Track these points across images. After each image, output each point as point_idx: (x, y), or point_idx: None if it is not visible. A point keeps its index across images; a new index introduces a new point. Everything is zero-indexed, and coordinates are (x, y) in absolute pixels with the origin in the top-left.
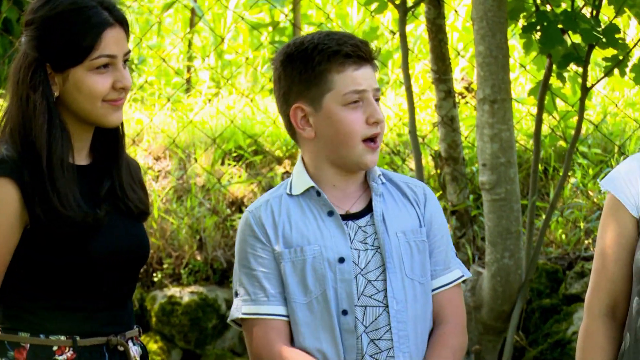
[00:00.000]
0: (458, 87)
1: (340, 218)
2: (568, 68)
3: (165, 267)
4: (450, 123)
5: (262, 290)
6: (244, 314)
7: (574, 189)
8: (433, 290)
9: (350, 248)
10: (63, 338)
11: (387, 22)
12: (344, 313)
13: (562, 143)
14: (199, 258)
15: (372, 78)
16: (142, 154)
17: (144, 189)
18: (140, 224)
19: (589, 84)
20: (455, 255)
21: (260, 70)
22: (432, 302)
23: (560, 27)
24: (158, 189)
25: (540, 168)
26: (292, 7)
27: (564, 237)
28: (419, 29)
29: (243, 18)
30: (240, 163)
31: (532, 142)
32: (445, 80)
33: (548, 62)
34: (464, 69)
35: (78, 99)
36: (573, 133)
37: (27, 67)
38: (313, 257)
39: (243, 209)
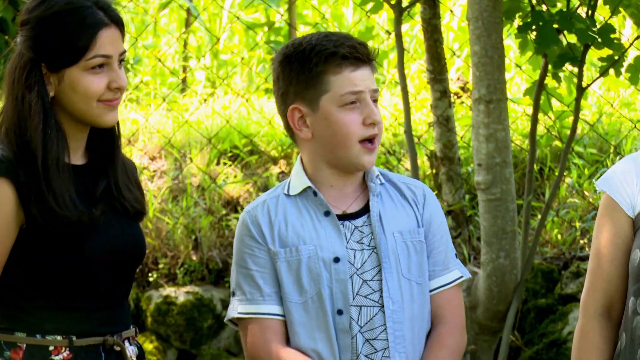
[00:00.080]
0: (454, 87)
1: (337, 218)
2: (563, 68)
3: (161, 267)
4: (446, 123)
5: (258, 290)
6: (240, 314)
7: (570, 189)
8: (432, 291)
9: (346, 248)
10: (59, 338)
11: (382, 22)
12: (339, 313)
13: (557, 143)
14: (195, 258)
15: (369, 79)
16: (137, 154)
17: (140, 189)
18: (136, 224)
19: (585, 84)
20: (455, 256)
21: (256, 70)
22: (430, 302)
23: (556, 27)
24: (153, 189)
25: (536, 168)
26: (287, 7)
27: (560, 237)
28: (415, 29)
29: (239, 18)
30: (236, 163)
31: (527, 142)
32: (441, 80)
33: (543, 62)
34: (460, 69)
35: (73, 99)
36: (569, 133)
37: (22, 67)
38: (308, 256)
39: (238, 209)
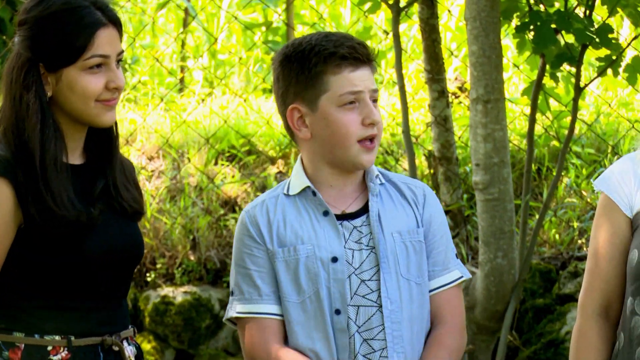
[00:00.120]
0: (451, 87)
1: (335, 218)
2: (561, 68)
3: (159, 267)
4: (444, 123)
5: (255, 290)
6: (238, 313)
7: (568, 189)
8: (431, 291)
9: (344, 248)
10: (58, 338)
11: (380, 22)
12: (337, 312)
13: (555, 143)
14: (193, 258)
15: (369, 79)
16: (135, 154)
17: (138, 189)
18: (135, 224)
19: (582, 84)
20: (456, 256)
21: (254, 70)
22: (430, 302)
23: (554, 27)
24: (151, 189)
25: (534, 168)
26: (285, 7)
27: (558, 237)
28: (413, 29)
29: (236, 18)
30: (234, 163)
31: (525, 142)
32: (439, 80)
33: (541, 62)
34: (457, 69)
35: (71, 99)
36: (566, 133)
37: (20, 67)
38: (306, 256)
39: (236, 209)
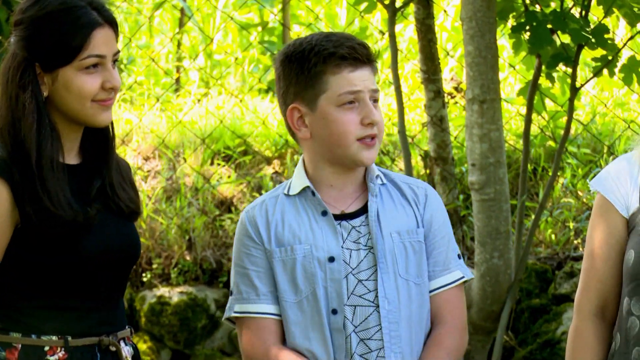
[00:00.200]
0: (447, 87)
1: (333, 218)
2: (557, 68)
3: (155, 267)
4: (440, 123)
5: (253, 289)
6: (236, 313)
7: (564, 189)
8: (432, 291)
9: (342, 247)
10: (55, 338)
11: (376, 22)
12: (334, 312)
13: (551, 143)
14: (188, 258)
15: (369, 79)
16: (131, 154)
17: (135, 189)
18: (131, 224)
19: (578, 84)
20: (458, 257)
21: (249, 71)
22: (430, 303)
23: (550, 27)
24: (147, 189)
25: (530, 168)
26: (281, 7)
27: (554, 237)
28: (408, 29)
29: (232, 18)
30: (230, 163)
31: (521, 142)
32: (435, 80)
33: (537, 62)
34: (453, 69)
35: (67, 99)
36: (562, 133)
37: (16, 67)
38: (303, 256)
39: (232, 209)
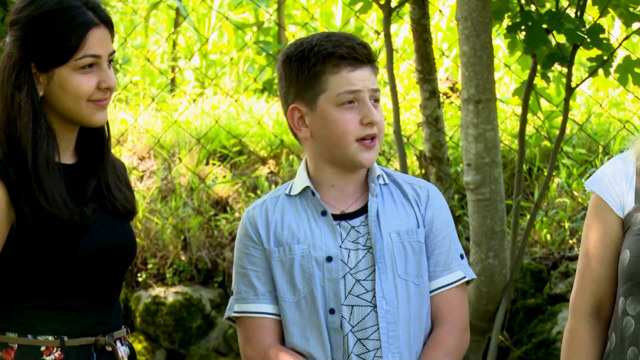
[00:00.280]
0: (442, 87)
1: (332, 218)
2: (552, 68)
3: (150, 267)
4: (435, 123)
5: (252, 289)
6: (235, 312)
7: (559, 189)
8: (432, 291)
9: (340, 247)
10: (51, 338)
11: (371, 22)
12: (331, 312)
13: (546, 143)
14: (184, 258)
15: (369, 79)
16: (126, 154)
17: (130, 189)
18: (127, 223)
19: (574, 84)
20: (461, 257)
21: (245, 71)
22: (430, 303)
23: (545, 27)
24: (142, 189)
25: (525, 168)
26: (276, 7)
27: (549, 237)
28: (404, 29)
29: (227, 18)
30: (225, 163)
31: (516, 142)
32: (430, 80)
33: (532, 62)
34: (449, 69)
35: (63, 99)
36: (557, 133)
37: (11, 66)
38: (301, 255)
39: (227, 209)
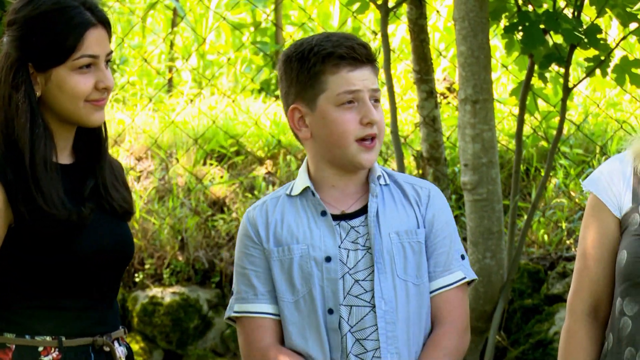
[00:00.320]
0: (440, 87)
1: (331, 218)
2: (550, 68)
3: (147, 267)
4: (432, 123)
5: (251, 289)
6: (235, 312)
7: (556, 189)
8: (432, 292)
9: (339, 247)
10: (49, 339)
11: (369, 22)
12: (330, 312)
13: (543, 143)
14: (181, 258)
15: (369, 79)
16: (123, 154)
17: (128, 189)
18: (125, 224)
19: (571, 85)
20: (462, 257)
21: (242, 71)
22: (430, 303)
23: (542, 27)
24: (140, 189)
25: (522, 168)
26: (273, 7)
27: (546, 237)
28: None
29: (225, 18)
30: (222, 163)
31: (514, 142)
32: (427, 81)
33: (530, 62)
34: (446, 69)
35: (60, 99)
36: (555, 133)
37: (9, 66)
38: (300, 255)
39: (225, 210)
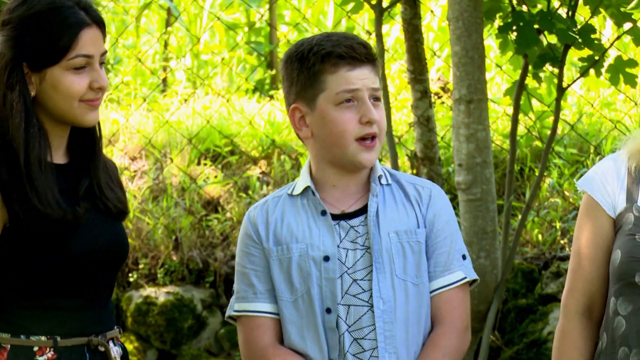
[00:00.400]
0: (434, 87)
1: (331, 217)
2: (544, 68)
3: (141, 267)
4: (426, 123)
5: (251, 288)
6: (235, 311)
7: (550, 189)
8: (432, 292)
9: (338, 247)
10: (44, 338)
11: (363, 22)
12: (328, 311)
13: (538, 143)
14: (175, 258)
15: (368, 78)
16: (118, 154)
17: (122, 189)
18: (119, 223)
19: (565, 84)
20: (463, 257)
21: (236, 71)
22: (430, 303)
23: (536, 27)
24: (134, 189)
25: (516, 168)
26: (268, 7)
27: (540, 237)
28: (395, 29)
29: (219, 18)
30: (216, 163)
31: (508, 142)
32: (421, 81)
33: (524, 62)
34: (440, 69)
35: (55, 99)
36: (549, 133)
37: (3, 66)
38: (299, 255)
39: (219, 209)
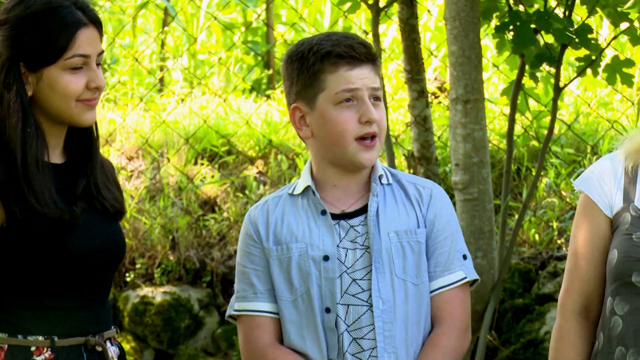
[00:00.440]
0: (431, 87)
1: (330, 217)
2: (541, 68)
3: (138, 267)
4: (423, 123)
5: (251, 288)
6: (235, 311)
7: (547, 189)
8: (432, 292)
9: (338, 247)
10: (41, 338)
11: (360, 22)
12: (327, 311)
13: (534, 143)
14: (172, 258)
15: (368, 77)
16: (115, 154)
17: (119, 189)
18: (116, 223)
19: (562, 84)
20: (464, 257)
21: (233, 71)
22: (430, 303)
23: (533, 27)
24: (131, 189)
25: (513, 168)
26: (265, 7)
27: (537, 236)
28: (392, 29)
29: (216, 18)
30: (213, 163)
31: (504, 141)
32: (418, 80)
33: (521, 62)
34: (437, 69)
35: (52, 99)
36: (546, 133)
37: (0, 66)
38: (299, 254)
39: (216, 209)
